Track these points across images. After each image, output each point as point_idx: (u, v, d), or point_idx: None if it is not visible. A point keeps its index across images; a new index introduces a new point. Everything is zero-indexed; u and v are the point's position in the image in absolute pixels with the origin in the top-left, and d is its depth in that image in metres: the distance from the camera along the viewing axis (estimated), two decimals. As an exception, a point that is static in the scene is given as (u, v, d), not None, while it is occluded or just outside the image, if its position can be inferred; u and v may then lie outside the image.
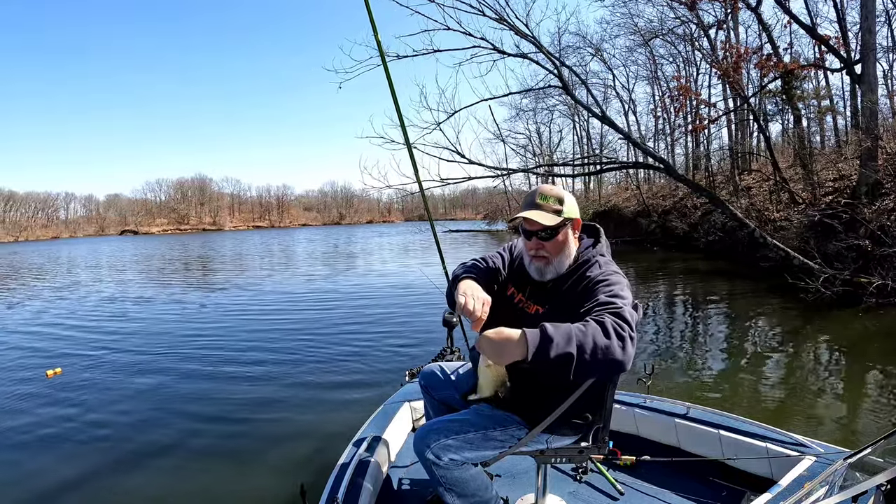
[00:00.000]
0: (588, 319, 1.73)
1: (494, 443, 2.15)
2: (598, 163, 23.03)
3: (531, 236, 2.14)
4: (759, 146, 26.00)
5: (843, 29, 15.25)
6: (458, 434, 2.12)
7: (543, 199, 2.12)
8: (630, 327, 1.72)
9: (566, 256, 2.16)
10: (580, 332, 1.66)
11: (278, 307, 12.42)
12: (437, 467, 2.10)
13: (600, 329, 1.67)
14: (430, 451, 2.08)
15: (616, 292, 1.91)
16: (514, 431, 2.17)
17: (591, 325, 1.69)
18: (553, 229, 2.10)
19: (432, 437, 2.11)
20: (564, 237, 2.14)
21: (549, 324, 1.68)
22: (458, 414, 2.27)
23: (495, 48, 13.04)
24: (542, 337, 1.64)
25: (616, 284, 1.96)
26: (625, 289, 1.96)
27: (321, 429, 5.06)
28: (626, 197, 37.21)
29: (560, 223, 2.10)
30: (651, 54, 31.16)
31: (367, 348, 7.96)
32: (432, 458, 2.08)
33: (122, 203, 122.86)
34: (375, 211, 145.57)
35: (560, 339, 1.63)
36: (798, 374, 6.35)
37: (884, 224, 10.71)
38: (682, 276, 15.94)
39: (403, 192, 13.52)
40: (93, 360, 7.87)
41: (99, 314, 12.19)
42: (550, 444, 2.23)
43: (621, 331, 1.68)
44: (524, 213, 2.11)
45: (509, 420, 2.19)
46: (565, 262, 2.16)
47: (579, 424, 2.20)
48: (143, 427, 5.29)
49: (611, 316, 1.73)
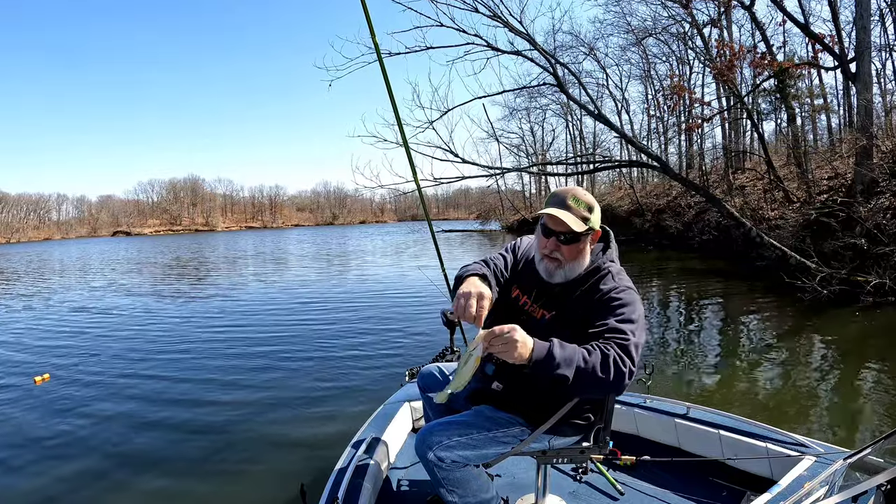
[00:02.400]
0: (594, 346, 1.77)
1: (497, 444, 2.14)
2: (593, 161, 23.06)
3: (551, 235, 2.07)
4: (753, 145, 26.10)
5: (837, 27, 15.29)
6: (460, 436, 2.10)
7: (575, 201, 2.04)
8: (632, 362, 1.76)
9: (579, 264, 2.10)
10: (583, 359, 1.72)
11: (276, 308, 12.34)
12: (440, 469, 2.08)
13: (601, 361, 1.72)
14: (433, 452, 2.06)
15: (628, 316, 1.90)
16: (516, 433, 2.17)
17: (595, 354, 1.74)
18: (576, 235, 2.04)
19: (434, 438, 2.09)
20: (584, 245, 2.09)
21: (557, 342, 1.74)
22: (460, 416, 2.25)
23: (489, 45, 13.01)
24: (548, 354, 1.70)
25: (628, 305, 1.94)
26: (636, 309, 1.95)
27: (321, 429, 5.04)
28: (619, 196, 37.38)
29: (585, 231, 2.04)
30: (644, 53, 31.27)
31: (367, 348, 7.93)
32: (434, 459, 2.06)
33: (115, 204, 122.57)
34: (368, 211, 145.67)
35: (562, 361, 1.70)
36: (797, 373, 6.35)
37: (880, 222, 10.74)
38: (678, 276, 15.97)
39: (397, 191, 13.50)
40: (82, 365, 7.72)
41: (88, 318, 12.00)
42: (552, 444, 2.22)
43: (622, 366, 1.73)
44: (553, 210, 2.03)
45: (512, 422, 2.18)
46: (577, 269, 2.10)
47: (581, 425, 2.20)
48: (139, 431, 5.23)
49: (616, 349, 1.76)
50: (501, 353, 1.70)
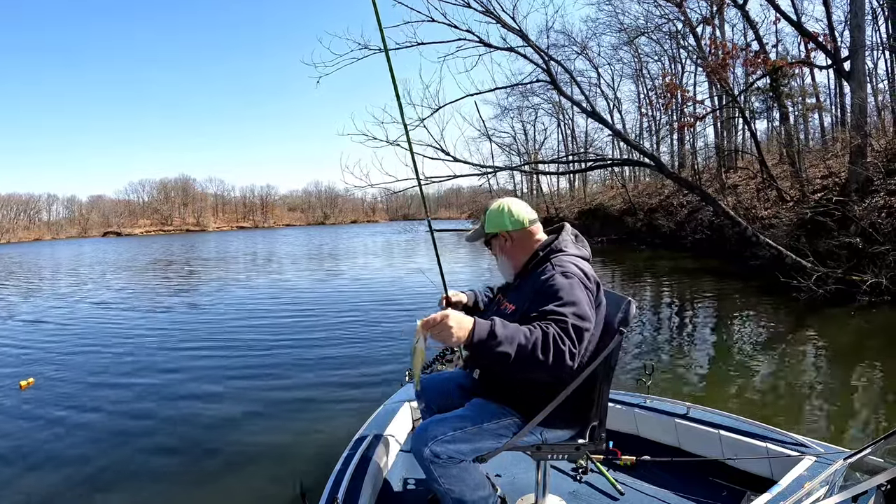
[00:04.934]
0: (535, 325, 1.85)
1: (489, 436, 2.17)
2: (586, 160, 23.09)
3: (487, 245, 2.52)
4: (745, 144, 26.20)
5: (830, 26, 15.38)
6: (454, 430, 2.14)
7: (483, 216, 2.49)
8: (572, 342, 1.83)
9: (514, 258, 2.39)
10: (524, 336, 1.78)
11: (275, 308, 12.29)
12: (435, 465, 2.10)
13: (542, 339, 1.78)
14: (428, 448, 2.09)
15: (564, 299, 1.97)
16: (507, 424, 2.19)
17: (535, 332, 1.80)
18: (486, 241, 2.50)
19: (430, 433, 2.13)
20: (500, 245, 2.42)
21: (499, 321, 1.80)
22: (455, 411, 2.28)
23: (482, 41, 12.95)
24: (489, 332, 1.76)
25: (563, 289, 2.01)
26: (572, 292, 2.01)
27: (321, 429, 5.03)
28: (611, 195, 37.43)
29: (491, 234, 2.44)
30: (636, 52, 31.32)
31: (367, 348, 7.91)
32: (429, 455, 2.09)
33: (105, 204, 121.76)
34: (360, 211, 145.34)
35: (504, 339, 1.75)
36: (796, 373, 6.37)
37: (875, 221, 10.76)
38: (671, 275, 15.99)
39: (388, 191, 13.49)
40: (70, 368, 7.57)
41: (75, 320, 11.83)
42: (545, 438, 2.24)
43: (561, 345, 1.80)
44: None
45: (503, 412, 2.21)
46: (511, 262, 2.40)
47: (574, 419, 2.24)
48: (136, 432, 5.18)
49: (556, 328, 1.84)
50: (440, 339, 1.76)
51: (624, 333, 2.15)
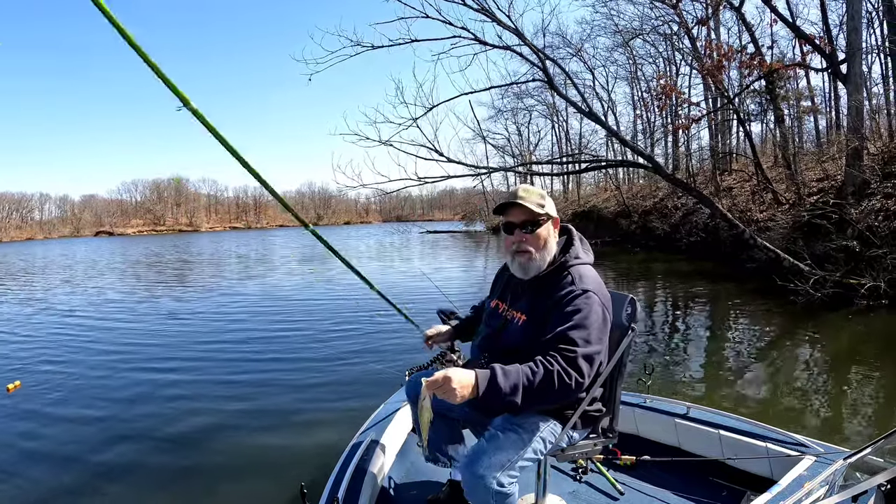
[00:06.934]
0: (538, 364, 1.84)
1: (531, 449, 2.05)
2: (582, 161, 23.07)
3: (513, 230, 2.17)
4: (741, 146, 26.26)
5: (827, 29, 15.43)
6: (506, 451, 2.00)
7: (526, 192, 2.17)
8: (579, 373, 1.86)
9: (548, 253, 2.18)
10: (527, 379, 1.80)
11: (275, 308, 12.24)
12: (502, 495, 1.93)
13: (545, 378, 1.82)
14: (496, 479, 1.92)
15: (580, 322, 1.95)
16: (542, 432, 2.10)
17: (538, 372, 1.82)
18: (536, 222, 2.14)
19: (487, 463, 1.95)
20: (547, 232, 2.18)
21: (499, 369, 1.81)
22: (489, 434, 2.10)
23: (477, 39, 12.80)
24: (493, 385, 1.78)
25: (582, 311, 1.98)
26: (591, 315, 1.98)
27: (321, 429, 5.02)
28: (605, 197, 37.51)
29: (544, 215, 2.14)
30: (631, 54, 31.40)
31: (367, 349, 7.89)
32: (496, 487, 1.91)
33: (98, 204, 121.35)
34: (353, 212, 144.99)
35: (508, 390, 1.78)
36: (796, 374, 6.40)
37: (872, 224, 10.77)
38: (667, 278, 16.03)
39: (381, 192, 13.43)
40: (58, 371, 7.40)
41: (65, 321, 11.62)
42: (572, 437, 2.22)
43: (566, 379, 1.83)
44: (508, 201, 2.17)
45: (544, 419, 2.12)
46: (547, 258, 2.18)
47: (594, 416, 2.25)
48: (132, 434, 5.11)
49: (561, 362, 1.85)
50: (444, 398, 1.77)
51: (635, 330, 2.16)
